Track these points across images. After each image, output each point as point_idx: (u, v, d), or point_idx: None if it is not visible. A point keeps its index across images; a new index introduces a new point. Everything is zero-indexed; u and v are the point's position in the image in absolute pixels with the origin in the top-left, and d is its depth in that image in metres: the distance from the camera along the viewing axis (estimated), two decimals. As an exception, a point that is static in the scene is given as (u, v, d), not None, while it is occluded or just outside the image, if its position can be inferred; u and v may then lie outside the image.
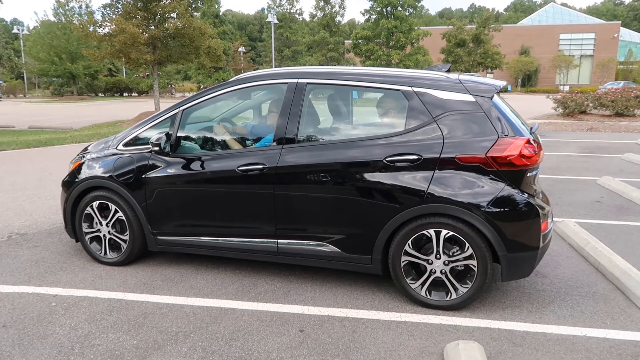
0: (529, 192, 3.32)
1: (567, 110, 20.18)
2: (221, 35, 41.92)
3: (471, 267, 3.31)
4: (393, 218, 3.36)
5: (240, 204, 3.81)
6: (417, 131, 3.40)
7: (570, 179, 7.92)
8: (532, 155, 3.27)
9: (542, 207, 3.36)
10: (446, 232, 3.29)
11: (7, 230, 5.27)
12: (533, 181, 3.42)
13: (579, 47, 61.17)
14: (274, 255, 3.81)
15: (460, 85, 3.45)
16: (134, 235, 4.15)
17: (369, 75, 3.72)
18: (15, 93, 50.75)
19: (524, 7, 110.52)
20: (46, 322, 3.25)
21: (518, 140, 3.26)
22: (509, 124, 3.34)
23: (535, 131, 3.68)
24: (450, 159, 3.29)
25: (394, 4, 36.93)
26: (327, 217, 3.58)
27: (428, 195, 3.28)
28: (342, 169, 3.50)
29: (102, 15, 21.13)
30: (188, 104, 4.09)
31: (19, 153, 11.12)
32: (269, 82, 3.93)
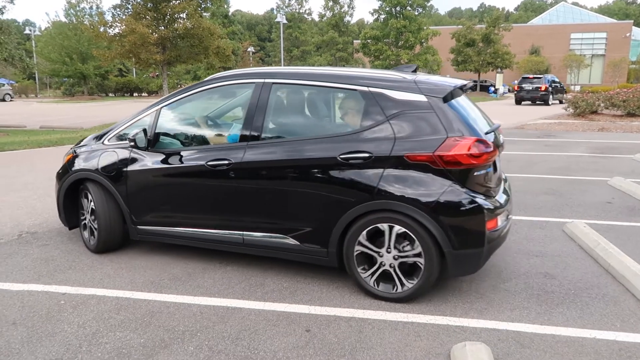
0: (476, 191, 3.39)
1: (578, 110, 20.00)
2: (230, 36, 42.09)
3: (418, 263, 3.41)
4: (346, 213, 3.51)
5: (210, 197, 4.05)
6: (370, 130, 3.53)
7: (580, 179, 7.84)
8: (480, 155, 3.34)
9: (489, 206, 3.41)
10: (398, 228, 3.40)
11: (18, 228, 5.33)
12: (484, 180, 3.48)
13: (590, 46, 60.59)
14: (240, 246, 4.02)
15: (414, 85, 3.56)
16: (108, 225, 4.45)
17: (331, 75, 3.85)
18: (27, 93, 51.29)
19: (534, 7, 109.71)
20: (55, 320, 3.28)
21: (465, 140, 3.34)
22: (460, 123, 3.42)
23: (494, 131, 3.76)
24: (399, 157, 3.41)
25: (403, 3, 36.82)
26: (287, 211, 3.77)
27: (378, 192, 3.41)
28: (300, 165, 3.67)
29: (113, 15, 21.35)
30: (166, 102, 4.38)
31: (31, 153, 11.24)
32: (239, 81, 4.13)
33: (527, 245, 4.72)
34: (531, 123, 17.96)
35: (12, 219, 5.67)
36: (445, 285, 3.81)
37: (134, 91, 48.37)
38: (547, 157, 10.20)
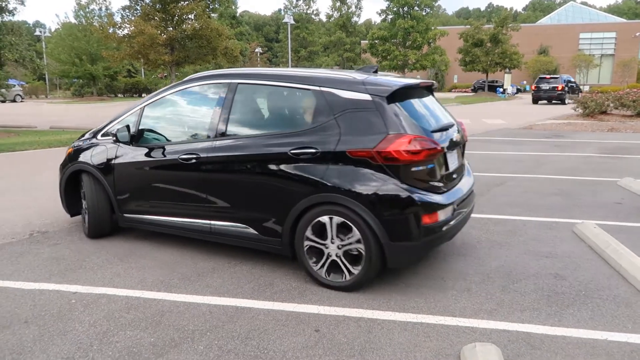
0: (414, 186, 3.54)
1: (587, 110, 19.86)
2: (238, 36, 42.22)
3: (360, 252, 3.59)
4: (296, 205, 3.74)
5: (182, 188, 4.41)
6: (319, 127, 3.75)
7: (590, 180, 7.78)
8: (419, 151, 3.51)
9: (427, 200, 3.55)
10: (338, 218, 3.61)
11: (29, 228, 5.38)
12: (425, 175, 3.64)
13: (599, 46, 60.09)
14: (209, 235, 4.34)
15: (361, 85, 3.75)
16: (97, 212, 4.90)
17: (288, 76, 4.10)
18: (37, 94, 51.70)
19: (542, 7, 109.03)
20: (66, 319, 3.31)
21: (404, 137, 3.51)
22: (401, 121, 3.61)
23: (445, 129, 3.98)
24: (342, 153, 3.61)
25: (410, 3, 36.72)
26: (246, 202, 4.06)
27: (322, 185, 3.63)
28: (257, 160, 3.95)
29: (122, 17, 21.46)
30: (149, 101, 4.81)
31: (41, 153, 11.34)
32: (211, 82, 4.45)
33: (536, 246, 4.70)
34: (540, 123, 17.85)
35: (23, 219, 5.73)
36: (454, 285, 3.81)
37: (142, 92, 48.61)
38: (556, 157, 10.13)
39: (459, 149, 4.23)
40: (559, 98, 30.58)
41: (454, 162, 4.04)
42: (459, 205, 3.92)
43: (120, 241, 4.91)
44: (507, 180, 7.77)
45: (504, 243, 4.80)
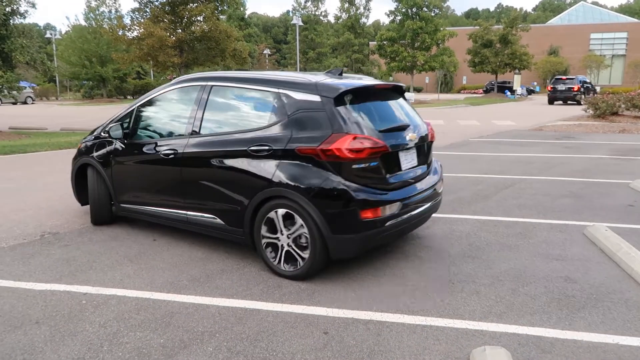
0: (355, 182, 3.76)
1: (598, 111, 19.68)
2: (246, 38, 42.34)
3: (306, 244, 3.84)
4: (253, 198, 4.03)
5: (164, 181, 4.83)
6: (275, 126, 4.04)
7: (601, 182, 7.71)
8: (360, 149, 3.73)
9: (367, 197, 3.76)
10: (285, 210, 3.89)
11: (40, 229, 5.43)
12: (368, 172, 3.83)
13: (610, 46, 59.57)
14: (186, 224, 4.71)
15: (313, 87, 4.00)
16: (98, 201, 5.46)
17: (253, 79, 4.40)
18: (48, 96, 52.17)
19: (552, 7, 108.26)
20: (76, 320, 3.33)
21: (346, 136, 3.73)
22: (347, 121, 3.83)
23: (395, 130, 4.17)
24: (292, 150, 3.88)
25: (419, 4, 36.61)
26: (214, 194, 4.37)
27: (274, 180, 3.90)
28: (222, 156, 4.28)
29: (131, 19, 21.62)
30: (141, 101, 5.24)
31: (52, 154, 11.44)
32: (191, 84, 4.80)
33: (546, 249, 4.66)
34: (550, 125, 17.72)
35: (34, 220, 5.78)
36: (463, 288, 3.79)
37: (151, 93, 48.94)
38: (567, 159, 10.06)
39: (419, 149, 4.39)
40: (574, 99, 31.08)
41: (409, 161, 4.24)
42: (411, 202, 4.10)
43: (130, 242, 4.95)
44: (516, 182, 7.72)
45: (514, 245, 4.77)
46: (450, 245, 4.77)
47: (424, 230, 5.23)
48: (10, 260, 4.47)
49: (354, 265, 4.28)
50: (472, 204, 6.36)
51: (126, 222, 5.66)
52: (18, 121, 21.30)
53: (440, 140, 13.33)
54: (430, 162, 4.66)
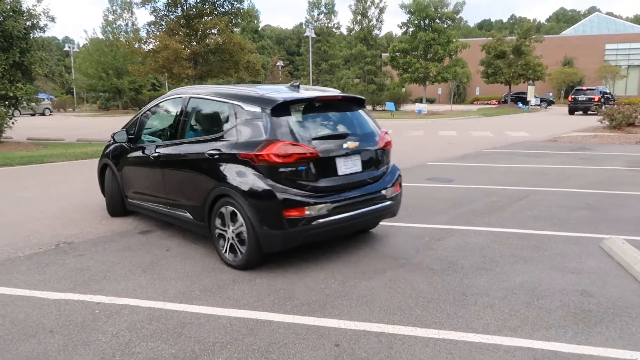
0: (282, 184, 4.21)
1: (614, 122, 19.44)
2: (260, 50, 42.76)
3: (245, 238, 4.32)
4: (208, 196, 4.59)
5: (153, 180, 5.54)
6: (227, 133, 4.62)
7: (618, 194, 7.59)
8: (288, 155, 4.19)
9: (292, 197, 4.19)
10: (231, 208, 4.40)
11: (56, 238, 5.50)
12: (296, 176, 4.25)
13: (626, 57, 58.95)
14: (169, 218, 5.43)
15: (258, 99, 4.50)
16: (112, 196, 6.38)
17: (219, 92, 4.97)
18: (65, 107, 53.05)
19: (566, 17, 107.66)
20: (89, 329, 3.36)
21: (275, 143, 4.20)
22: (280, 129, 4.29)
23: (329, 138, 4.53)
24: (235, 155, 4.42)
25: (432, 16, 36.64)
26: (185, 192, 5.04)
27: (221, 181, 4.47)
28: (190, 159, 4.96)
29: (147, 32, 21.94)
30: (143, 110, 6.09)
31: (68, 165, 11.62)
32: (177, 96, 5.56)
33: (562, 262, 4.59)
34: (565, 136, 17.55)
35: (50, 229, 5.86)
36: (477, 301, 3.74)
37: (166, 105, 49.52)
38: (582, 170, 9.93)
39: (364, 156, 4.71)
40: (595, 109, 31.13)
41: (349, 167, 4.59)
42: (347, 205, 4.49)
43: (143, 252, 4.98)
44: (531, 193, 7.64)
45: (528, 258, 4.71)
46: (463, 258, 4.73)
47: (436, 242, 5.19)
48: (26, 269, 4.53)
49: (365, 276, 4.25)
50: (485, 216, 6.30)
51: (140, 232, 5.71)
52: (36, 132, 21.68)
53: (453, 152, 13.27)
54: (382, 168, 4.96)
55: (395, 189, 5.02)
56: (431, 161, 11.50)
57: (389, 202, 4.95)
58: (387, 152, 5.07)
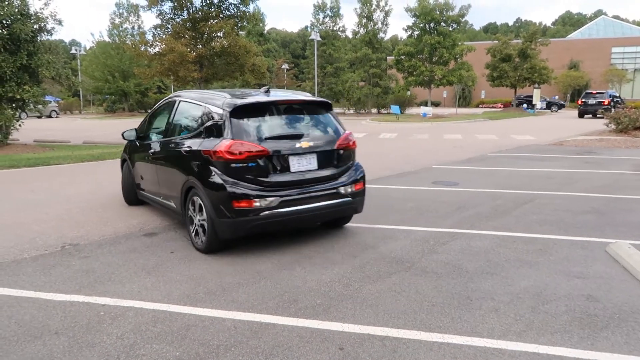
0: (234, 178, 4.73)
1: (620, 126, 19.34)
2: (265, 53, 42.84)
3: (206, 223, 4.89)
4: (182, 187, 5.26)
5: (151, 174, 6.29)
6: (197, 133, 5.25)
7: (624, 198, 7.55)
8: (239, 152, 4.71)
9: (240, 190, 4.69)
10: (197, 198, 4.99)
11: (61, 240, 5.52)
12: (246, 171, 4.74)
13: (632, 60, 58.66)
14: (164, 208, 6.11)
15: (222, 102, 5.06)
16: (127, 187, 7.30)
17: (198, 97, 5.66)
18: (72, 110, 53.37)
19: (572, 21, 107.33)
20: (95, 331, 3.37)
21: (228, 142, 4.76)
22: (235, 129, 4.83)
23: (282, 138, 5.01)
24: (200, 152, 4.97)
25: (437, 19, 36.62)
26: (170, 184, 5.67)
27: (190, 174, 5.11)
28: (171, 155, 5.65)
29: (153, 35, 22.06)
30: (150, 112, 6.90)
31: (74, 167, 11.68)
32: (172, 99, 6.24)
33: (567, 266, 4.57)
34: (570, 139, 17.47)
35: (56, 231, 5.89)
36: (482, 305, 3.73)
37: (171, 108, 49.73)
38: (588, 174, 9.88)
39: (320, 155, 5.10)
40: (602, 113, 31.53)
41: (304, 165, 5.00)
42: (298, 199, 4.88)
43: (148, 254, 5.00)
44: (536, 197, 7.61)
45: (534, 262, 4.69)
46: (468, 261, 4.71)
47: (441, 246, 5.18)
48: (32, 271, 4.55)
49: (370, 280, 4.25)
50: (490, 220, 6.28)
51: (145, 235, 5.73)
52: (42, 134, 21.82)
53: (458, 155, 13.24)
54: (342, 167, 5.30)
55: (355, 187, 5.34)
56: (436, 164, 11.48)
57: (347, 198, 5.27)
58: (349, 152, 5.40)
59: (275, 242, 5.34)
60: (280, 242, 5.34)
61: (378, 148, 15.56)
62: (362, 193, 5.50)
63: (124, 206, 7.23)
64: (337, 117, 5.62)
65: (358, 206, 5.51)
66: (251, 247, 5.20)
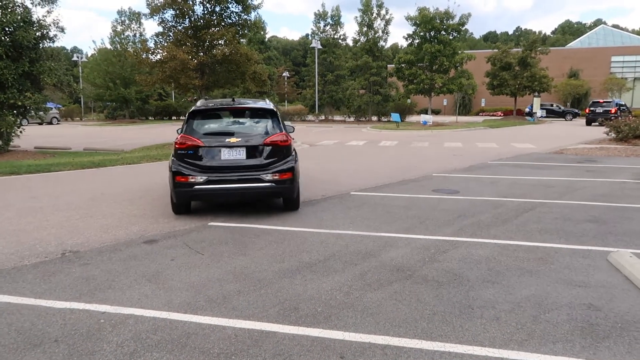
0: (180, 161, 6.63)
1: (621, 134, 19.36)
2: (266, 61, 42.99)
3: None
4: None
5: None
6: None
7: (625, 206, 7.54)
8: (182, 143, 6.64)
9: (177, 169, 6.58)
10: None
11: (62, 247, 5.52)
12: (188, 158, 6.62)
13: (632, 69, 58.81)
14: None
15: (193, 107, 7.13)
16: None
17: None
18: (73, 117, 53.44)
19: (572, 30, 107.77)
20: (94, 339, 3.35)
21: (180, 136, 6.77)
22: (186, 127, 6.85)
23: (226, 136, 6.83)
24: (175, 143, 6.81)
25: (437, 28, 36.73)
26: None
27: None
28: None
29: (155, 42, 22.13)
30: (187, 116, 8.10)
31: (75, 174, 11.68)
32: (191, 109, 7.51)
33: (569, 275, 4.56)
34: (571, 148, 17.48)
35: (56, 238, 5.88)
36: (483, 314, 3.71)
37: (172, 114, 49.81)
38: (589, 183, 9.88)
39: (249, 148, 6.67)
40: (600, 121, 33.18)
41: (233, 155, 6.64)
42: (222, 180, 6.53)
43: (149, 262, 4.99)
44: (537, 205, 7.60)
45: (535, 271, 4.68)
46: (469, 270, 4.70)
47: (442, 254, 5.17)
48: (32, 278, 4.54)
49: (371, 288, 4.24)
50: (491, 228, 6.27)
51: (145, 242, 5.73)
52: (43, 141, 21.85)
53: (458, 163, 13.24)
54: (269, 159, 6.70)
55: (280, 175, 6.65)
56: (437, 172, 11.48)
57: (271, 184, 6.63)
58: (279, 148, 6.76)
59: (276, 250, 5.33)
60: (281, 250, 5.33)
61: (378, 156, 15.57)
62: (289, 182, 6.72)
63: (124, 213, 7.22)
64: (282, 121, 7.13)
65: (283, 192, 6.83)
66: (252, 255, 5.19)
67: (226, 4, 21.19)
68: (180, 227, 6.35)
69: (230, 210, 7.27)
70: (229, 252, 5.30)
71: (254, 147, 6.65)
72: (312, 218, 6.86)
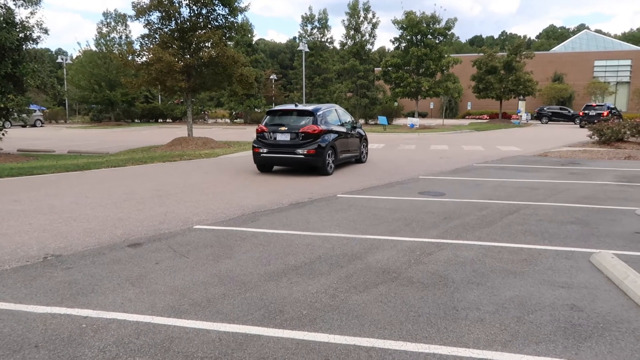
0: (258, 139, 11.59)
1: (603, 138, 19.68)
2: (253, 64, 42.85)
3: None
4: None
5: None
6: None
7: (607, 208, 7.65)
8: (260, 128, 11.56)
9: (255, 145, 11.61)
10: None
11: (44, 251, 5.43)
12: (262, 138, 11.48)
13: (614, 73, 59.87)
14: None
15: None
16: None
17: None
18: (57, 119, 52.77)
19: (556, 34, 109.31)
20: (76, 344, 3.30)
21: (259, 126, 11.63)
22: (264, 120, 11.65)
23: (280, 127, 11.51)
24: None
25: (424, 32, 37.04)
26: None
27: None
28: None
29: (141, 45, 21.93)
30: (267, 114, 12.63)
31: (58, 177, 11.53)
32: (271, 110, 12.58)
33: (552, 276, 4.60)
34: (555, 151, 17.71)
35: (38, 242, 5.79)
36: (467, 315, 3.73)
37: (159, 117, 49.46)
38: (572, 185, 10.01)
39: (292, 134, 11.11)
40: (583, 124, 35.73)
41: (282, 137, 11.19)
42: (275, 151, 11.26)
43: (132, 265, 4.93)
44: (521, 207, 7.68)
45: (519, 272, 4.72)
46: (454, 272, 4.73)
47: (427, 256, 5.19)
48: (12, 283, 4.46)
49: (356, 290, 4.24)
50: (476, 230, 6.31)
51: (129, 245, 5.66)
52: (26, 144, 21.54)
53: (444, 166, 13.34)
54: (304, 141, 11.05)
55: (308, 151, 10.92)
56: (423, 175, 11.55)
57: (301, 156, 11.02)
58: (310, 135, 11.00)
59: (261, 253, 5.31)
60: (267, 253, 5.31)
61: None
62: (315, 155, 10.98)
63: (109, 217, 7.14)
64: (317, 118, 11.35)
65: (310, 162, 11.12)
66: (237, 258, 5.16)
67: (213, 7, 21.08)
68: (165, 230, 6.30)
69: (215, 213, 7.22)
70: (214, 255, 5.26)
71: (294, 133, 11.07)
72: (299, 220, 6.85)
